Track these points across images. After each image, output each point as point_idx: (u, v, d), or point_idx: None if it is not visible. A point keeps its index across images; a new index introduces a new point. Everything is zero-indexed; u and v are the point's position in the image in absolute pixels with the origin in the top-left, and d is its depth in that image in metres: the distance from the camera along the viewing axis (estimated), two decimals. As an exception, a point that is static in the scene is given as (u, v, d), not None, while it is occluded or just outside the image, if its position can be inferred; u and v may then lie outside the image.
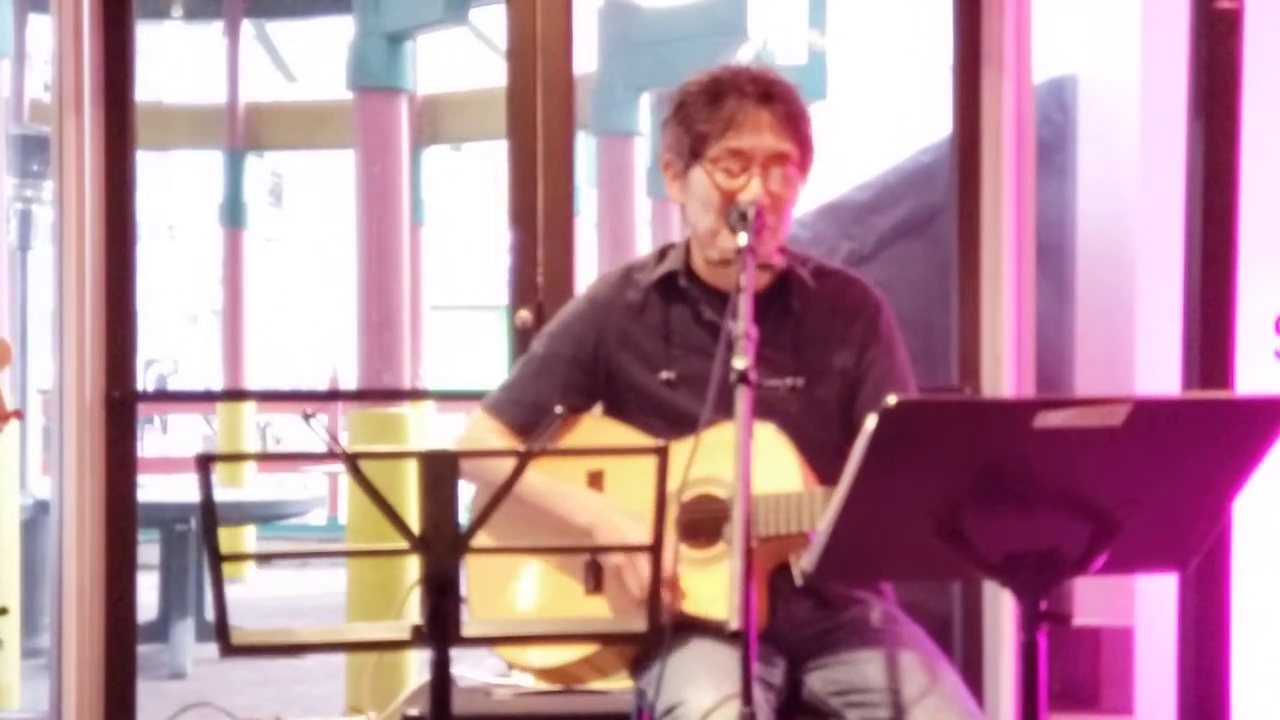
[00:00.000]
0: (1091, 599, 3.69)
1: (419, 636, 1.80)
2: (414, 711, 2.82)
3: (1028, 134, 3.54)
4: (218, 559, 1.74)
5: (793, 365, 2.43)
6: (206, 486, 1.71)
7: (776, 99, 2.36)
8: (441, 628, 1.79)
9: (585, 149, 9.93)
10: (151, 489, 7.13)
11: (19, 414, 2.82)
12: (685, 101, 2.41)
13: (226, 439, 10.83)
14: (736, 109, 2.35)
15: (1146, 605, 3.45)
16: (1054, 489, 1.85)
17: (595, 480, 2.44)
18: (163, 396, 9.71)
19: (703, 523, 2.32)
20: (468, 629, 1.82)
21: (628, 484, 2.37)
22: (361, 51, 8.11)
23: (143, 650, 5.02)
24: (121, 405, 3.63)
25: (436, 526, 1.77)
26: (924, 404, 1.86)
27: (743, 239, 2.21)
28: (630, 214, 9.94)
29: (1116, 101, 3.89)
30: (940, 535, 1.86)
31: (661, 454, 1.82)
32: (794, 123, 2.37)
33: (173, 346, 18.69)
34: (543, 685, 2.95)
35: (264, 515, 7.44)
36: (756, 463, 2.06)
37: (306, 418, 1.74)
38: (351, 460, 1.75)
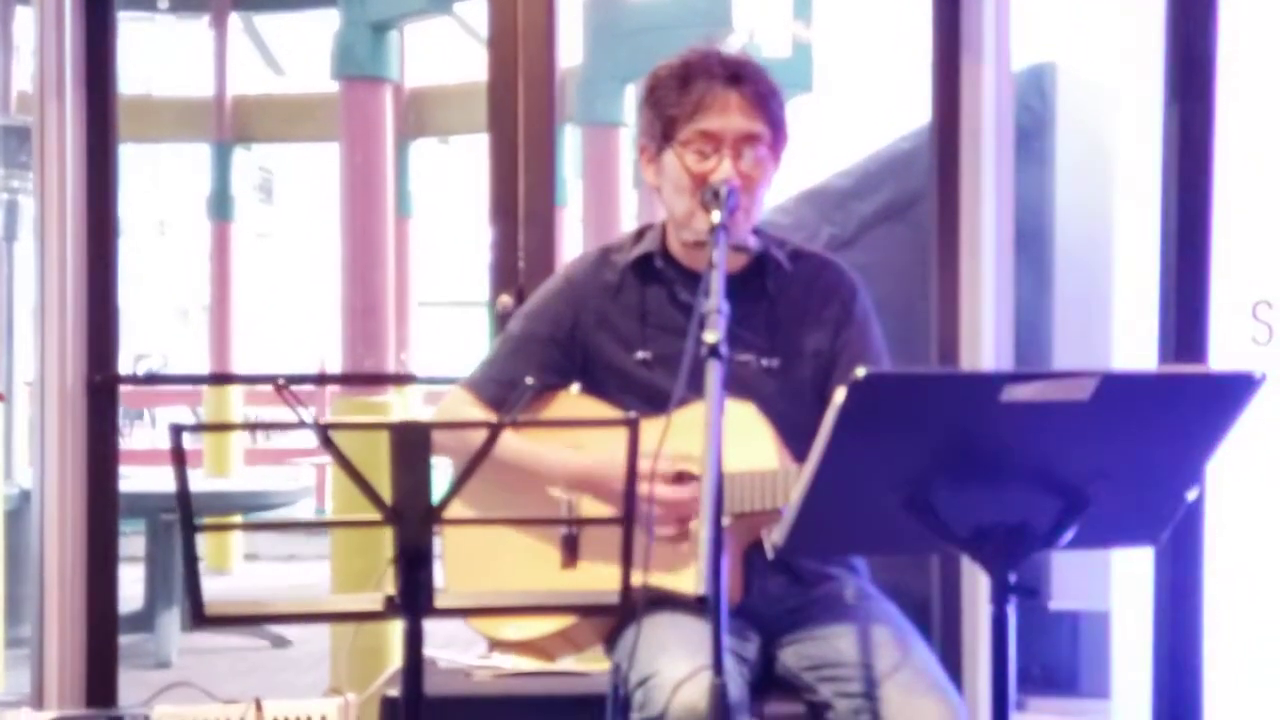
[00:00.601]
0: (1069, 584, 3.71)
1: (392, 607, 1.81)
2: (393, 693, 2.83)
3: (1007, 121, 3.55)
4: (190, 529, 1.75)
5: (768, 346, 2.45)
6: (179, 455, 1.72)
7: (745, 80, 2.38)
8: (414, 599, 1.81)
9: (571, 141, 9.92)
10: (138, 480, 7.13)
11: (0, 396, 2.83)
12: (656, 86, 2.43)
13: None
14: (705, 91, 2.37)
15: (1122, 589, 3.47)
16: (1023, 463, 1.87)
17: None
18: (143, 380, 9.73)
19: None
20: (441, 600, 1.83)
21: None
22: (346, 40, 8.11)
23: (128, 640, 5.03)
24: (103, 389, 3.64)
25: (409, 498, 1.78)
26: (892, 376, 1.88)
27: (716, 217, 2.23)
28: (615, 205, 9.93)
29: (1095, 89, 3.91)
30: (909, 508, 1.87)
31: (632, 425, 1.83)
32: (763, 103, 2.39)
33: (162, 341, 18.66)
34: (521, 664, 2.97)
35: (250, 505, 7.43)
36: (733, 441, 2.08)
37: (280, 388, 1.75)
38: (323, 430, 1.77)
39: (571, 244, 9.96)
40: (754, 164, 2.38)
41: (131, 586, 4.25)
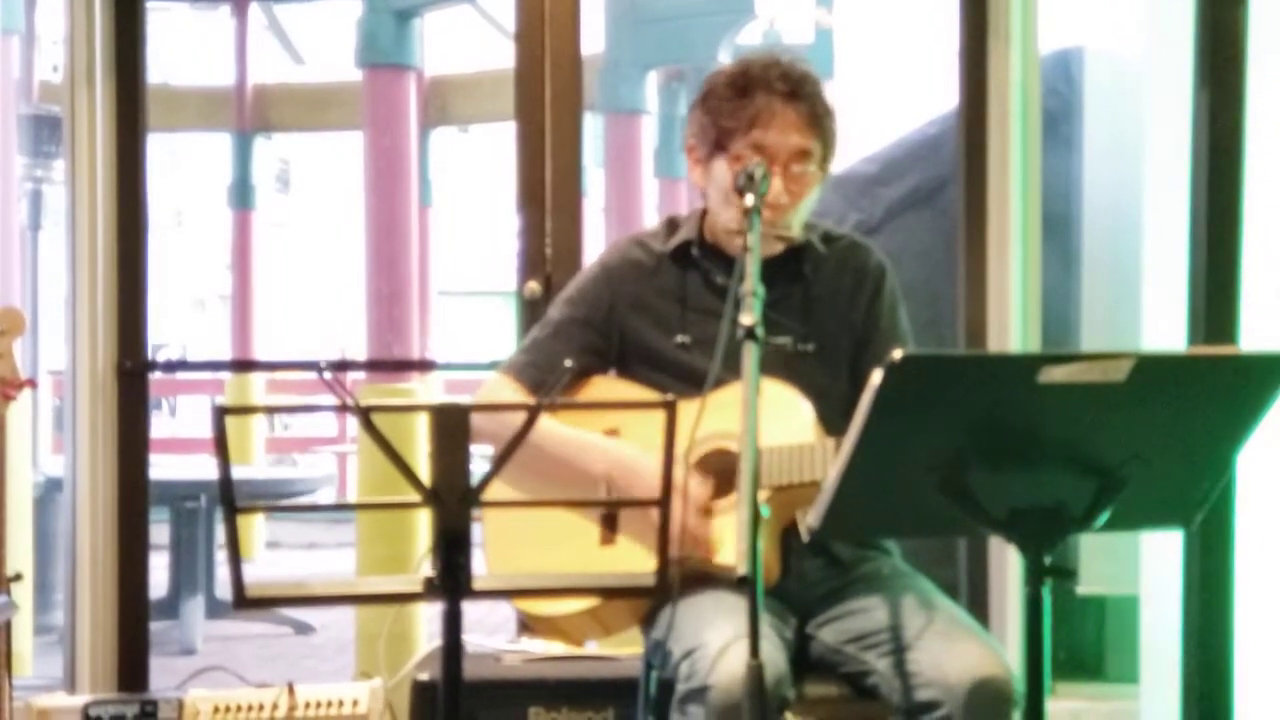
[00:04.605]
0: (1097, 567, 3.70)
1: (431, 588, 1.82)
2: (424, 676, 2.85)
3: (1034, 106, 3.55)
4: (233, 512, 1.77)
5: (804, 330, 2.48)
6: (221, 440, 1.73)
7: (802, 98, 2.40)
8: (454, 580, 1.82)
9: (592, 129, 9.89)
10: (162, 468, 7.15)
11: (31, 383, 2.85)
12: (712, 92, 2.45)
13: (234, 418, 10.81)
14: (763, 106, 2.39)
15: (1152, 573, 3.46)
16: (1058, 445, 1.87)
17: (611, 437, 2.47)
18: (173, 366, 9.85)
19: (716, 475, 2.36)
20: (479, 582, 1.84)
21: (643, 441, 2.39)
22: (370, 28, 8.12)
23: (153, 626, 5.05)
24: (133, 376, 3.67)
25: (448, 480, 1.79)
26: (928, 358, 1.87)
27: (749, 200, 2.25)
28: (638, 194, 9.91)
29: (1123, 73, 3.90)
30: (945, 491, 1.88)
31: (670, 408, 1.84)
32: (819, 121, 2.42)
33: (180, 332, 18.72)
34: (551, 649, 2.99)
35: (272, 494, 7.47)
36: (772, 418, 2.08)
37: (321, 372, 1.76)
38: (364, 413, 1.78)
39: (593, 233, 9.93)
40: (802, 179, 2.42)
41: (155, 574, 4.29)
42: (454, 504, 1.79)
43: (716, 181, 2.44)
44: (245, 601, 1.82)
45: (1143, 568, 3.50)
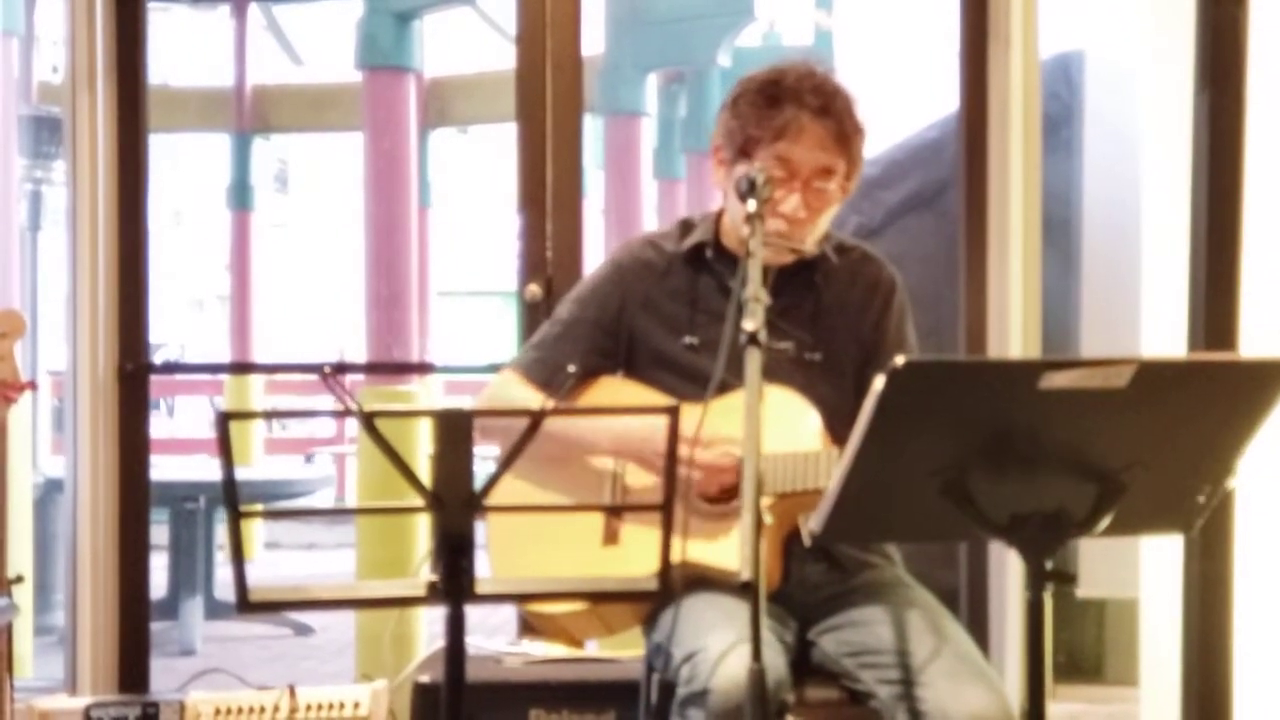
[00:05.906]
0: (1097, 570, 3.71)
1: (434, 593, 1.82)
2: (425, 679, 2.85)
3: (1034, 110, 3.55)
4: (236, 516, 1.77)
5: (812, 340, 2.48)
6: (225, 443, 1.74)
7: (832, 115, 2.38)
8: (457, 585, 1.82)
9: (592, 130, 9.90)
10: (160, 469, 7.15)
11: (32, 385, 2.85)
12: (742, 96, 2.43)
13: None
14: (791, 119, 2.36)
15: (1152, 576, 3.46)
16: (1060, 450, 1.88)
17: None
18: (173, 369, 9.89)
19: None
20: (482, 586, 1.85)
21: None
22: (370, 30, 8.13)
23: (152, 628, 5.08)
24: (134, 377, 3.67)
25: (451, 484, 1.79)
26: (931, 364, 1.88)
27: (751, 205, 2.24)
28: (637, 196, 9.91)
29: (1123, 77, 3.90)
30: (947, 495, 1.88)
31: (672, 413, 1.84)
32: (847, 140, 2.39)
33: (179, 332, 18.71)
34: (552, 651, 2.99)
35: (271, 495, 7.48)
36: (779, 424, 2.08)
37: (324, 376, 1.76)
38: (367, 418, 1.78)
39: (593, 234, 9.94)
40: (822, 196, 2.40)
41: (155, 574, 4.31)
42: (457, 509, 1.80)
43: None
44: (249, 605, 1.82)
45: (1143, 571, 3.50)
